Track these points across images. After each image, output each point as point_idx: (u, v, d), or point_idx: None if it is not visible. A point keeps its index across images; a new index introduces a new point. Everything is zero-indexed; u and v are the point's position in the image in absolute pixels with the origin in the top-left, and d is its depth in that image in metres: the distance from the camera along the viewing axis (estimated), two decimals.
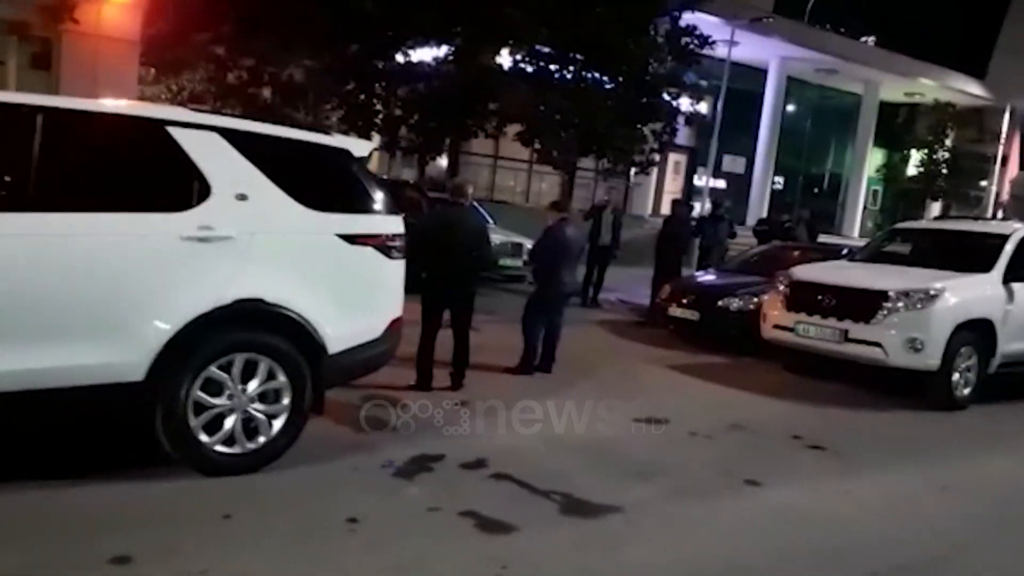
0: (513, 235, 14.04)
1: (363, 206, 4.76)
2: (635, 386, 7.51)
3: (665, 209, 18.56)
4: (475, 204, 15.91)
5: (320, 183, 4.66)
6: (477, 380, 6.81)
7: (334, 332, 4.49)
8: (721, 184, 28.98)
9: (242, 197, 4.27)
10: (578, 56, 14.93)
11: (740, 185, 29.09)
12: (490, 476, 4.65)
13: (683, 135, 22.23)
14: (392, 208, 4.92)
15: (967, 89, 30.94)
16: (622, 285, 14.01)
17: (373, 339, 4.77)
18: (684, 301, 10.38)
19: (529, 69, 15.48)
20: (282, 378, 4.38)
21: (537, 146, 15.74)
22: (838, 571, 3.81)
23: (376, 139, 18.65)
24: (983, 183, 32.15)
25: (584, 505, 4.32)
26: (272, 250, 4.38)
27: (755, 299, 9.55)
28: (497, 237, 14.09)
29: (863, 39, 30.21)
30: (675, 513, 4.36)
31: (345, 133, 18.80)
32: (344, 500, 4.15)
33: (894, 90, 30.72)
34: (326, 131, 5.53)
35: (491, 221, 15.43)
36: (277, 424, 4.41)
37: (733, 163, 28.89)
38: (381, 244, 4.75)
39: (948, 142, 30.00)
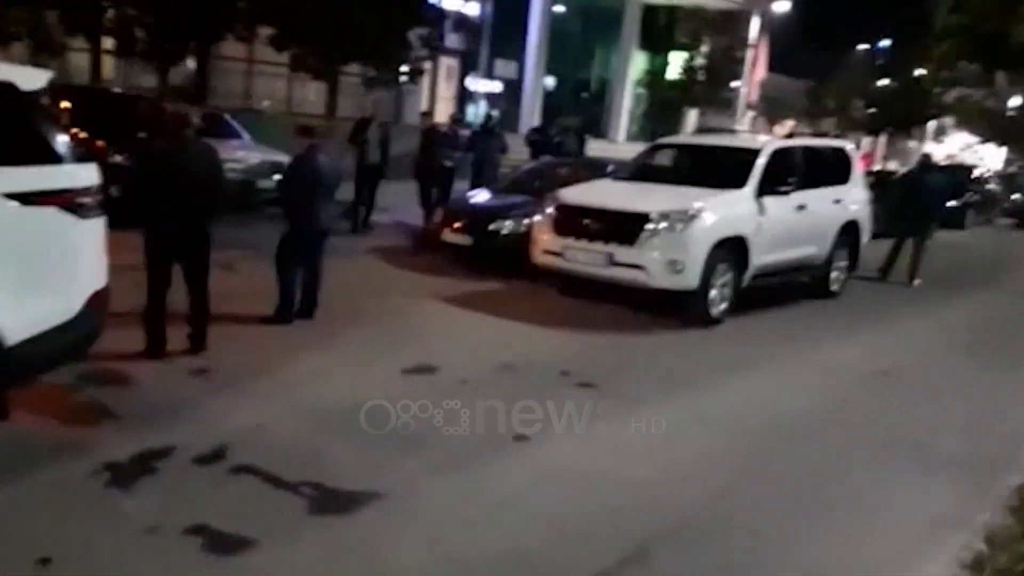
0: (273, 152, 12.86)
1: (40, 155, 3.74)
2: (405, 328, 7.06)
3: (442, 117, 17.88)
4: (227, 117, 14.61)
5: None
6: (223, 337, 6.02)
7: (9, 319, 3.55)
8: (497, 87, 28.72)
9: None
10: None
11: (513, 90, 28.96)
12: (229, 471, 4.01)
13: (454, 39, 21.46)
14: (81, 154, 3.93)
15: None
16: (397, 205, 13.39)
17: (67, 320, 3.87)
18: (456, 226, 10.04)
19: None
20: None
21: (292, 51, 14.34)
22: (612, 545, 3.62)
23: (109, 43, 16.33)
24: (734, 84, 34.32)
25: (337, 497, 3.82)
26: None
27: (526, 221, 9.39)
28: (253, 156, 12.86)
29: None
30: (439, 492, 3.99)
31: (68, 35, 16.38)
32: (37, 531, 3.37)
33: None
34: None
35: (246, 136, 14.07)
36: None
37: (505, 67, 28.62)
38: (69, 202, 3.79)
39: (705, 47, 31.49)
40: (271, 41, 14.46)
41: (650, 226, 7.55)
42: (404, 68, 15.14)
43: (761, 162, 8.44)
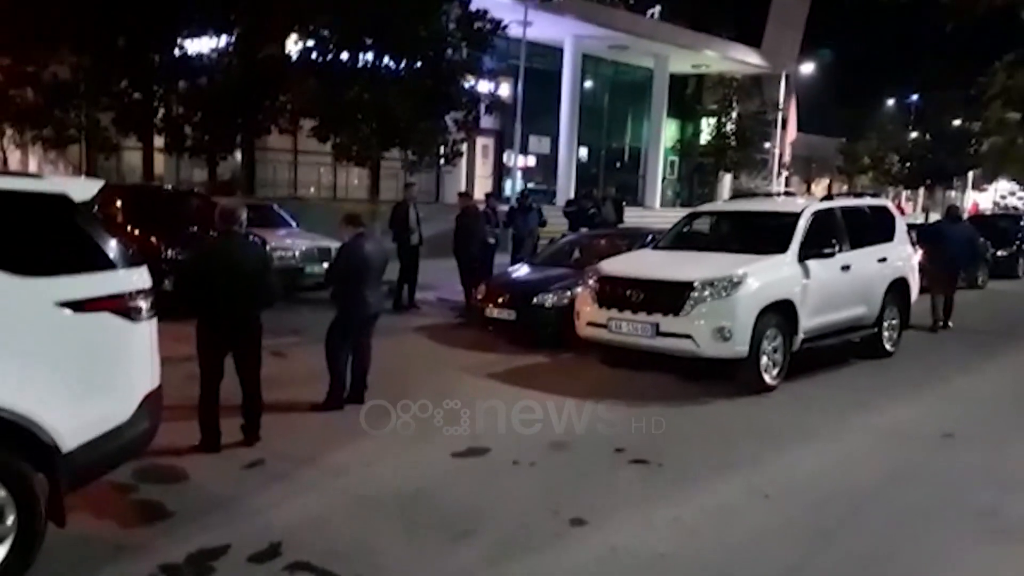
0: (320, 238, 13.16)
1: (92, 262, 3.86)
2: (454, 408, 7.02)
3: (478, 195, 18.24)
4: (275, 207, 15.05)
5: (29, 241, 3.73)
6: (277, 426, 6.06)
7: (67, 425, 3.62)
8: (531, 162, 29.21)
9: None
10: (368, 43, 14.11)
11: (548, 163, 29.41)
12: (284, 568, 3.97)
13: (489, 118, 22.00)
14: (132, 259, 4.06)
15: (746, 59, 32.85)
16: (439, 282, 13.54)
17: (122, 423, 3.93)
18: (500, 300, 10.11)
19: (318, 58, 14.50)
20: (1, 493, 3.48)
21: (334, 141, 14.78)
22: None
23: (160, 141, 17.02)
24: (767, 145, 34.45)
25: None
26: None
27: (568, 293, 9.43)
28: (301, 242, 13.18)
29: (648, 13, 31.28)
30: None
31: (121, 135, 17.14)
32: None
33: (682, 62, 32.04)
34: (35, 175, 4.54)
35: (294, 224, 14.46)
36: (2, 550, 3.51)
37: (539, 143, 29.14)
38: (120, 306, 3.90)
39: (734, 113, 31.76)
40: (314, 132, 14.93)
41: (695, 294, 7.50)
42: (442, 151, 15.48)
43: (802, 225, 8.39)
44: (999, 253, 18.63)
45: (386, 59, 14.35)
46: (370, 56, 14.31)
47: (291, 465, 5.40)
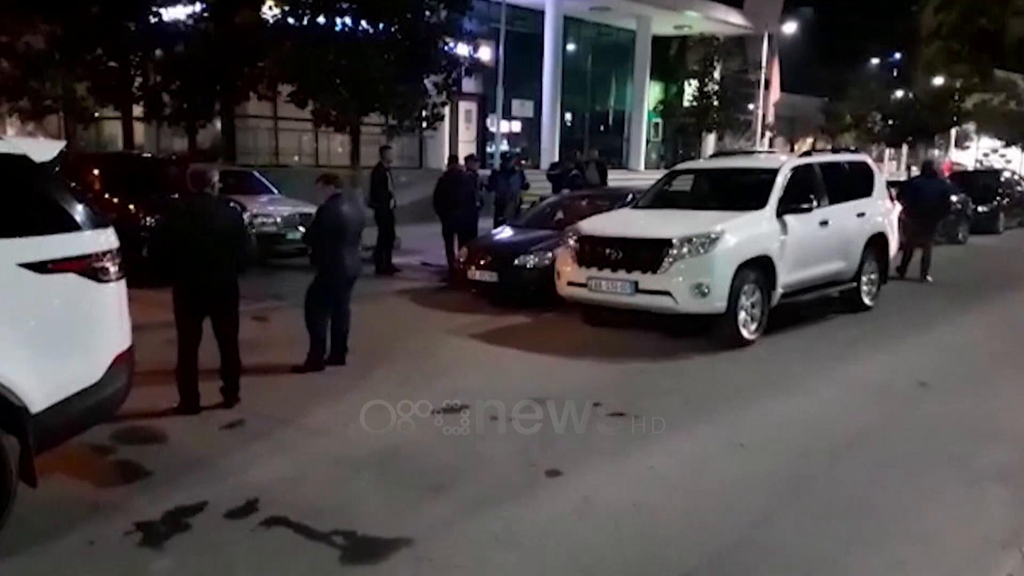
0: (301, 205, 13.05)
1: (55, 224, 3.81)
2: (435, 367, 7.06)
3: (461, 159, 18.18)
4: (255, 174, 14.93)
5: None
6: (257, 388, 6.07)
7: (35, 386, 3.60)
8: (516, 127, 29.00)
9: None
10: (344, 6, 13.87)
11: (532, 127, 29.20)
12: (261, 523, 3.99)
13: (471, 83, 21.76)
14: (98, 220, 4.01)
15: (729, 19, 32.54)
16: (424, 246, 13.51)
17: (92, 384, 3.91)
18: (482, 263, 10.10)
19: (294, 23, 14.26)
20: None
21: (313, 106, 14.59)
22: None
23: (139, 110, 16.78)
24: (751, 107, 34.30)
25: (370, 545, 3.79)
26: None
27: (549, 254, 9.44)
28: (283, 209, 13.11)
29: None
30: (473, 534, 3.93)
31: (99, 105, 16.90)
32: None
33: (664, 24, 31.71)
34: None
35: (275, 190, 14.36)
36: None
37: (522, 107, 28.88)
38: (86, 267, 3.86)
39: (716, 74, 31.56)
40: (291, 97, 14.72)
41: (673, 251, 7.51)
42: (423, 115, 15.31)
43: (780, 181, 8.39)
44: (980, 209, 18.72)
45: (363, 22, 14.11)
46: (347, 20, 14.09)
47: (270, 426, 5.41)
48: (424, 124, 15.75)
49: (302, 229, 11.79)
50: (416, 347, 7.75)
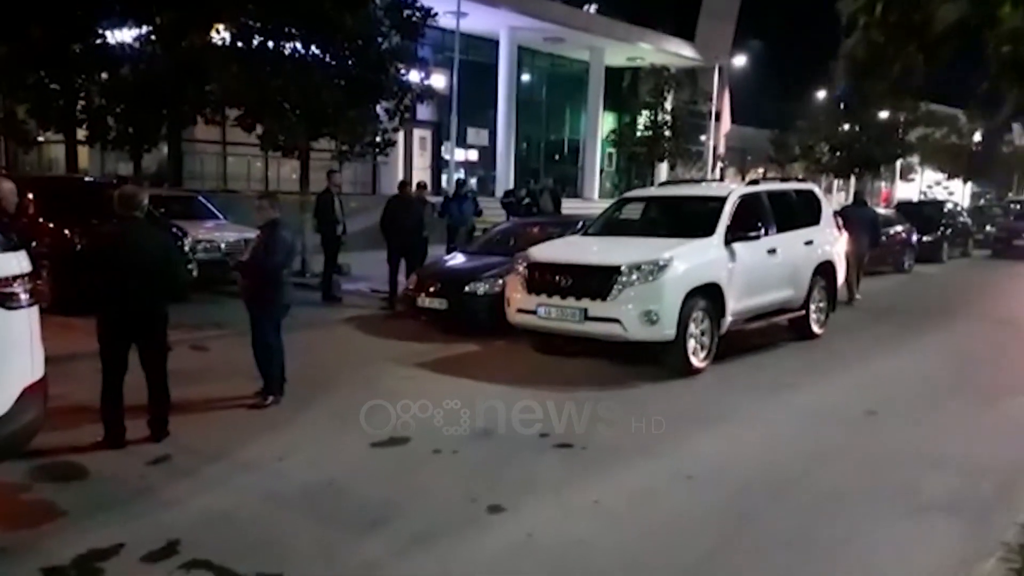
0: (247, 231, 12.75)
1: None
2: (377, 399, 6.79)
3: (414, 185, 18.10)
4: (201, 198, 14.60)
5: None
6: (189, 421, 5.81)
7: None
8: (472, 155, 29.02)
9: None
10: (295, 32, 13.70)
11: (487, 155, 29.24)
12: (180, 567, 3.73)
13: (426, 110, 21.72)
14: (7, 244, 3.77)
15: (680, 52, 33.11)
16: (374, 272, 13.28)
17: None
18: (431, 289, 9.92)
19: (244, 47, 14.04)
20: None
21: (261, 130, 14.33)
22: None
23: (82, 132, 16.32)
24: (703, 138, 34.81)
25: None
26: None
27: (500, 281, 9.31)
28: (228, 234, 12.82)
29: (585, 7, 31.31)
30: (407, 575, 3.74)
31: (41, 128, 16.42)
32: None
33: (617, 55, 32.12)
34: None
35: (221, 216, 14.05)
36: None
37: (477, 136, 28.92)
38: None
39: (668, 104, 32.00)
40: (239, 122, 14.46)
41: (622, 278, 7.44)
42: (374, 140, 15.15)
43: (728, 209, 8.40)
44: (925, 239, 19.13)
45: (313, 47, 13.96)
46: (296, 44, 13.93)
47: (199, 461, 5.15)
48: (376, 150, 15.58)
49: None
50: (359, 377, 7.52)
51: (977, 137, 47.35)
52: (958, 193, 44.72)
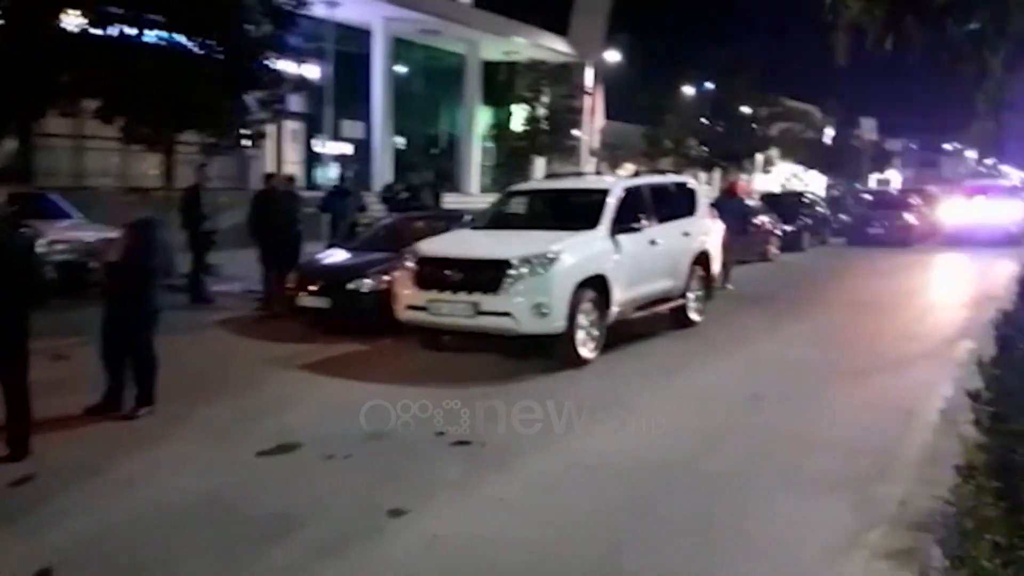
0: (107, 230, 11.94)
1: None
2: (261, 403, 6.53)
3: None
4: (53, 197, 13.54)
5: None
6: (54, 437, 5.36)
7: None
8: (348, 149, 28.37)
9: None
10: (158, 18, 12.92)
11: (363, 149, 28.66)
12: None
13: (299, 102, 21.05)
14: None
15: (555, 47, 33.58)
16: (245, 273, 12.72)
17: None
18: (312, 288, 9.57)
19: (102, 33, 13.12)
20: None
21: (122, 123, 13.43)
22: None
23: None
24: (577, 133, 35.46)
25: None
26: None
27: (386, 277, 9.10)
28: (86, 235, 11.96)
29: None
30: None
31: None
32: None
33: (493, 49, 32.25)
34: None
35: (73, 215, 13.10)
36: None
37: (353, 128, 28.29)
38: None
39: (545, 99, 32.38)
40: (97, 114, 13.50)
41: (513, 272, 7.42)
42: (244, 133, 14.50)
43: (612, 201, 8.54)
44: (787, 228, 20.18)
45: (178, 35, 13.22)
46: (160, 32, 13.15)
47: (68, 479, 4.74)
48: (246, 143, 14.94)
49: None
50: (240, 382, 7.17)
51: (830, 131, 50.67)
52: (813, 184, 47.62)
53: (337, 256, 10.71)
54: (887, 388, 7.10)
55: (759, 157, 41.72)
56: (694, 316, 10.04)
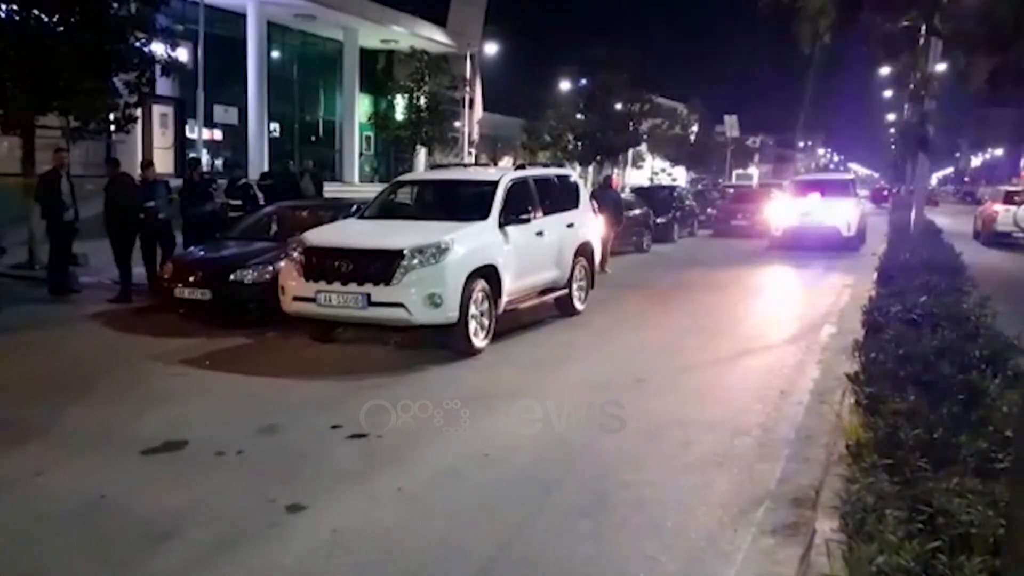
0: None
1: None
2: (142, 400, 6.25)
3: (162, 168, 16.66)
4: None
5: None
6: None
7: None
8: (217, 135, 27.25)
9: None
10: None
11: (237, 135, 27.61)
12: None
13: (168, 86, 20.08)
14: None
15: (434, 37, 33.41)
16: (112, 264, 12.03)
17: None
18: (191, 279, 9.23)
19: None
20: None
21: None
22: None
23: None
24: (457, 124, 35.44)
25: None
26: None
27: (271, 268, 8.90)
28: None
29: None
30: None
31: None
32: None
33: (372, 37, 31.74)
34: None
35: None
36: None
37: (226, 114, 27.21)
38: None
39: (426, 88, 32.16)
40: None
41: (405, 263, 7.40)
42: (112, 116, 13.66)
43: (500, 193, 8.65)
44: (659, 220, 20.92)
45: (36, 11, 12.29)
46: (15, 7, 12.20)
47: None
48: (113, 127, 14.10)
49: None
50: (119, 378, 6.84)
51: (695, 128, 52.86)
52: (680, 179, 49.65)
53: (217, 248, 10.32)
54: (760, 370, 7.54)
55: (630, 152, 43.06)
56: (578, 305, 10.30)
